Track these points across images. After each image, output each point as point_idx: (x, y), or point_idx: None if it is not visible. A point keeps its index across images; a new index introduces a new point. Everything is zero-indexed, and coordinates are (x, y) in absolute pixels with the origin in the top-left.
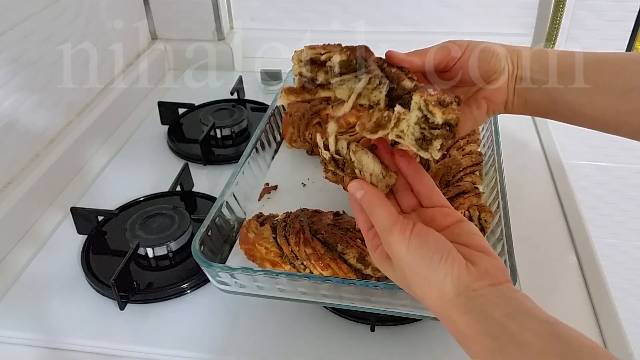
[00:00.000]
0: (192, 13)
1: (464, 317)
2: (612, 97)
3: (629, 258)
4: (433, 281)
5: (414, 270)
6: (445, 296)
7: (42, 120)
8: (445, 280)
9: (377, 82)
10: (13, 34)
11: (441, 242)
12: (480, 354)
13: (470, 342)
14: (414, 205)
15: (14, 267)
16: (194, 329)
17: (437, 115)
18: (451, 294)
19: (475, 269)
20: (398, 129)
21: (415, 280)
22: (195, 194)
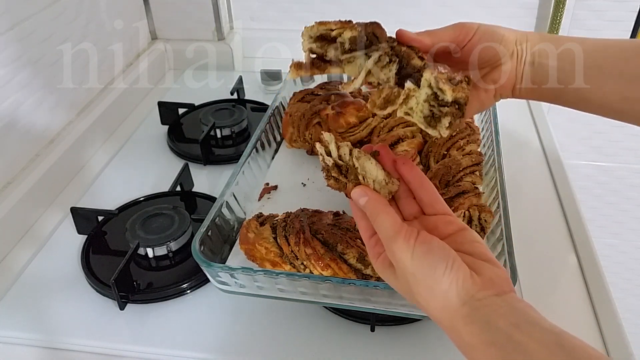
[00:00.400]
0: (192, 13)
1: (468, 327)
2: (621, 83)
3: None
4: (437, 290)
5: (418, 279)
6: (449, 306)
7: (42, 120)
8: (449, 289)
9: (387, 60)
10: (13, 34)
11: (446, 251)
12: None
13: (474, 352)
14: (416, 213)
15: (14, 267)
16: (194, 329)
17: (447, 93)
18: (455, 303)
19: (480, 279)
20: (407, 105)
21: (419, 289)
22: (195, 194)
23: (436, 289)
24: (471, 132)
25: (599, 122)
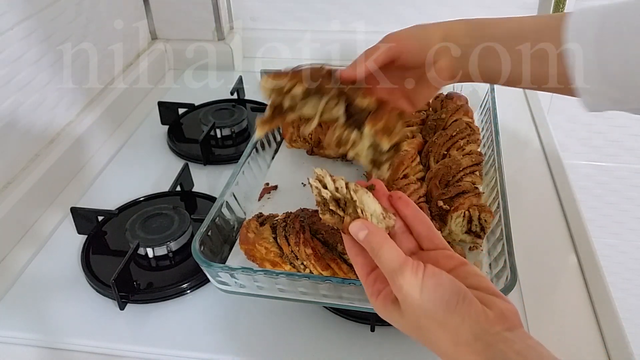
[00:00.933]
0: (192, 13)
1: None
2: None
3: (629, 258)
4: (449, 325)
5: (428, 313)
6: (462, 341)
7: (42, 120)
8: (463, 324)
9: (335, 102)
10: (13, 33)
11: (456, 285)
12: None
13: None
14: (413, 249)
15: (14, 267)
16: (194, 329)
17: (384, 144)
18: (469, 338)
19: (492, 313)
20: (354, 150)
21: (429, 324)
22: (195, 194)
23: (448, 323)
24: (471, 132)
25: (599, 122)
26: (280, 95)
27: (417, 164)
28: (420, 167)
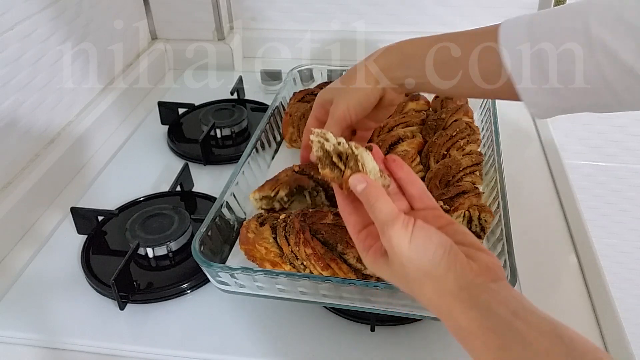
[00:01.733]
0: (192, 13)
1: (467, 312)
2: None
3: (629, 258)
4: (435, 275)
5: (414, 263)
6: (446, 291)
7: (42, 120)
8: (447, 274)
9: (315, 193)
10: (13, 34)
11: (443, 238)
12: (482, 350)
13: (471, 337)
14: (405, 209)
15: (14, 267)
16: (194, 329)
17: None
18: (454, 288)
19: (477, 265)
20: None
21: (415, 274)
22: (195, 194)
23: (434, 273)
24: (471, 132)
25: (599, 122)
26: (270, 201)
27: (417, 164)
28: (420, 167)
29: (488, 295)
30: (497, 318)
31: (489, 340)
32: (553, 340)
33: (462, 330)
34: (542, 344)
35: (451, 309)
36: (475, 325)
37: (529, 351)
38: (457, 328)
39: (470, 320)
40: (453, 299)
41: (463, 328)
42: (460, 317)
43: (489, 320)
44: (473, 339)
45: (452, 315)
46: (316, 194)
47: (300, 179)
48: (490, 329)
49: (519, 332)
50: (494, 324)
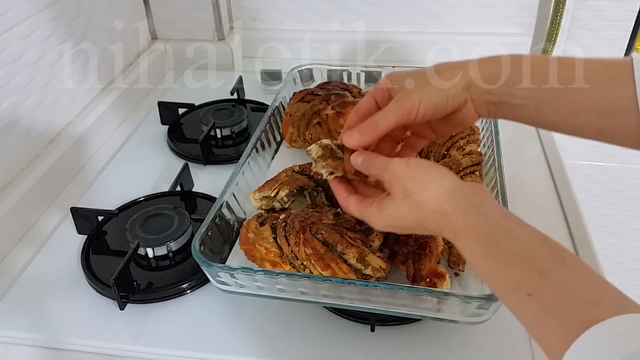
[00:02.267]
0: (192, 13)
1: (462, 211)
2: (594, 116)
3: (629, 258)
4: (431, 180)
5: (413, 177)
6: (443, 192)
7: (42, 120)
8: (443, 179)
9: (315, 193)
10: (13, 34)
11: (433, 163)
12: (473, 243)
13: (465, 233)
14: None
15: (14, 267)
16: (194, 329)
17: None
18: (449, 190)
19: (467, 184)
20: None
21: (414, 185)
22: (195, 194)
23: (430, 179)
24: (471, 132)
25: None
26: (270, 201)
27: None
28: None
29: (480, 199)
30: (489, 217)
31: (481, 234)
32: (539, 240)
33: (456, 228)
34: (528, 241)
35: (446, 208)
36: (469, 221)
37: (516, 245)
38: (452, 225)
39: (464, 217)
40: (449, 198)
41: (457, 225)
42: (455, 215)
43: (481, 217)
44: (466, 233)
45: (447, 215)
46: (316, 194)
47: (300, 179)
48: (481, 225)
49: (508, 230)
50: (485, 220)
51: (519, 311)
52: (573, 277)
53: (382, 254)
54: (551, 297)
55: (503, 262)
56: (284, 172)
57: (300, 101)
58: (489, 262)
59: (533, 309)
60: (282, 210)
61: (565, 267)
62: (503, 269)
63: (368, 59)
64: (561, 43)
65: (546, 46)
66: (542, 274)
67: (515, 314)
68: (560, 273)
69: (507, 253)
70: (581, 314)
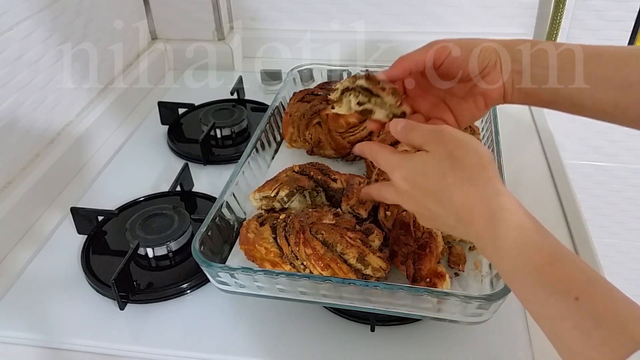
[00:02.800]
0: (192, 13)
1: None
2: (611, 90)
3: (629, 258)
4: (485, 163)
5: (466, 147)
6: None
7: (42, 120)
8: (494, 167)
9: (315, 193)
10: (13, 33)
11: None
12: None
13: (510, 213)
14: None
15: (14, 267)
16: (194, 329)
17: (363, 214)
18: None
19: None
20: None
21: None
22: (195, 194)
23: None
24: (471, 132)
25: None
26: (270, 201)
27: None
28: None
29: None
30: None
31: (527, 223)
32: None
33: (501, 207)
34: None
35: (495, 186)
36: (515, 205)
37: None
38: (493, 206)
39: (511, 200)
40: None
41: (502, 205)
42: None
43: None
44: (512, 216)
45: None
46: (316, 194)
47: (300, 179)
48: (526, 215)
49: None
50: (529, 215)
51: (561, 316)
52: (615, 290)
53: (382, 254)
54: (602, 305)
55: (551, 257)
56: (284, 172)
57: (300, 101)
58: (534, 254)
59: (580, 316)
60: (282, 210)
61: (605, 280)
62: (550, 265)
63: (368, 59)
64: None
65: None
66: (590, 279)
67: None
68: (605, 283)
69: (555, 250)
70: (634, 330)
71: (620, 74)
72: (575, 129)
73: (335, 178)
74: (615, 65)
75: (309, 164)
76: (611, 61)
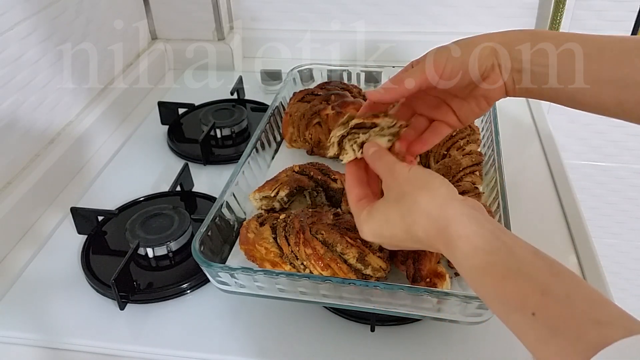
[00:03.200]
0: (192, 13)
1: (457, 217)
2: (613, 89)
3: (629, 258)
4: (431, 186)
5: (411, 181)
6: (439, 198)
7: (42, 120)
8: (441, 187)
9: (315, 193)
10: (13, 33)
11: (435, 173)
12: (468, 254)
13: (459, 241)
14: None
15: (14, 267)
16: (194, 329)
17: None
18: (445, 197)
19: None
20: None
21: (411, 188)
22: (195, 194)
23: (430, 185)
24: (471, 132)
25: (599, 122)
26: (270, 201)
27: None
28: None
29: (476, 212)
30: (485, 227)
31: (477, 244)
32: (535, 255)
33: (450, 235)
34: (525, 255)
35: (446, 214)
36: (463, 229)
37: (513, 259)
38: (444, 233)
39: (458, 224)
40: (448, 205)
41: (451, 232)
42: (450, 221)
43: (477, 226)
44: (460, 241)
45: (442, 220)
46: (316, 194)
47: (300, 179)
48: (477, 234)
49: (505, 243)
50: (481, 230)
51: (522, 331)
52: (574, 293)
53: (382, 254)
54: (557, 316)
55: (503, 277)
56: (284, 172)
57: (300, 101)
58: (486, 276)
59: (538, 329)
60: (282, 210)
61: (564, 282)
62: (503, 285)
63: (368, 59)
64: None
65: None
66: (544, 291)
67: (517, 334)
68: (561, 289)
69: (506, 267)
70: (591, 335)
71: (621, 73)
72: (575, 129)
73: (335, 178)
74: (616, 63)
75: (309, 164)
76: (611, 59)
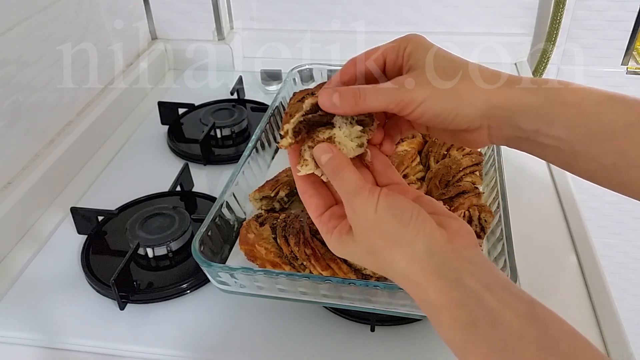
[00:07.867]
0: (192, 13)
1: (436, 282)
2: (617, 172)
3: (629, 258)
4: (403, 241)
5: (381, 230)
6: (415, 257)
7: (42, 120)
8: (416, 239)
9: None
10: (13, 34)
11: (410, 204)
12: (449, 326)
13: (440, 312)
14: (371, 182)
15: (14, 267)
16: (194, 329)
17: None
18: (422, 255)
19: (447, 231)
20: None
21: (382, 242)
22: (195, 194)
23: (402, 239)
24: None
25: None
26: (270, 201)
27: (417, 164)
28: (420, 167)
29: (459, 264)
30: (468, 290)
31: (458, 316)
32: (525, 321)
33: (430, 304)
34: (513, 324)
35: (420, 279)
36: (444, 298)
37: (498, 331)
38: (425, 300)
39: (438, 292)
40: (422, 267)
41: (431, 301)
42: (429, 289)
43: (459, 292)
44: (441, 313)
45: (421, 287)
46: None
47: None
48: (459, 303)
49: (490, 309)
50: (463, 297)
51: None
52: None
53: None
54: None
55: (485, 356)
56: (284, 172)
57: (300, 101)
58: (467, 352)
59: None
60: (282, 210)
61: (553, 356)
62: (466, 339)
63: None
64: (561, 43)
65: (546, 46)
66: (506, 351)
67: None
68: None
69: (489, 344)
70: None
71: (626, 159)
72: None
73: None
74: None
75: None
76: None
